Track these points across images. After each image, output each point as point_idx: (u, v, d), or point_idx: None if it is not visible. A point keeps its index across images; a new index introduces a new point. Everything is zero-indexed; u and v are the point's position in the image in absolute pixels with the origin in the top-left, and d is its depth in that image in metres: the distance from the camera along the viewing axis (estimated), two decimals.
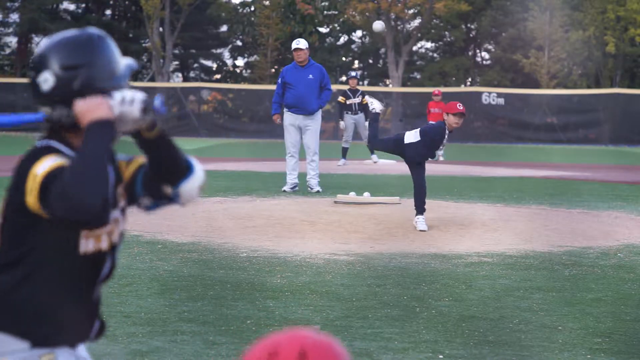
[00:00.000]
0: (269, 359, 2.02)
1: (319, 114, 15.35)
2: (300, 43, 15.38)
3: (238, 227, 11.08)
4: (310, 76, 15.23)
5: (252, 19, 59.33)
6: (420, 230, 10.98)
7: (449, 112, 10.93)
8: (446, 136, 11.02)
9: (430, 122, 25.56)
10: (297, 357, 2.01)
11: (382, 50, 62.33)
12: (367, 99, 12.91)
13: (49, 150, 2.81)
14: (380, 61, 65.36)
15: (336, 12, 58.35)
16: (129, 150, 3.14)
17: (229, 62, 65.91)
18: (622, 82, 55.56)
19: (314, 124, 15.26)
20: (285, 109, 15.45)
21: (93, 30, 2.94)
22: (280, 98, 15.41)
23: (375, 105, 11.89)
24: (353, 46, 65.71)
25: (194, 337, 6.17)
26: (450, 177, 19.47)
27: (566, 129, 45.94)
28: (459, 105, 10.93)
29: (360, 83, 65.43)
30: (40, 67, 2.87)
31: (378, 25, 19.10)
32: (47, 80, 2.85)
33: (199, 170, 2.99)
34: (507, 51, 58.13)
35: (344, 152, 23.12)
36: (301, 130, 15.32)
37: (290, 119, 15.33)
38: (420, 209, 11.09)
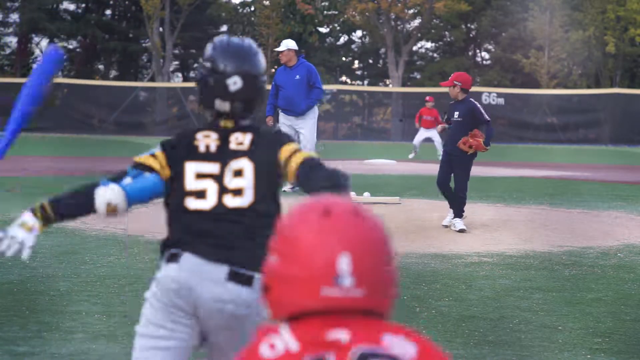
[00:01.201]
0: (323, 216, 2.04)
1: (311, 114, 14.99)
2: (282, 45, 15.13)
3: None
4: (297, 76, 14.99)
5: (252, 19, 59.35)
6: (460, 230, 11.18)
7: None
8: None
9: (422, 128, 25.24)
10: (352, 213, 2.06)
11: (382, 50, 62.34)
12: None
13: None
14: (380, 61, 65.36)
15: (336, 12, 58.36)
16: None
17: None
18: (622, 82, 55.58)
19: (306, 124, 14.99)
20: (279, 110, 15.36)
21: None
22: (274, 99, 15.27)
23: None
24: (353, 46, 65.72)
25: None
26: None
27: (566, 129, 45.96)
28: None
29: (360, 83, 65.52)
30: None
31: None
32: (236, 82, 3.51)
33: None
34: (507, 51, 58.14)
35: None
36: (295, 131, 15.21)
37: (283, 119, 15.23)
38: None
